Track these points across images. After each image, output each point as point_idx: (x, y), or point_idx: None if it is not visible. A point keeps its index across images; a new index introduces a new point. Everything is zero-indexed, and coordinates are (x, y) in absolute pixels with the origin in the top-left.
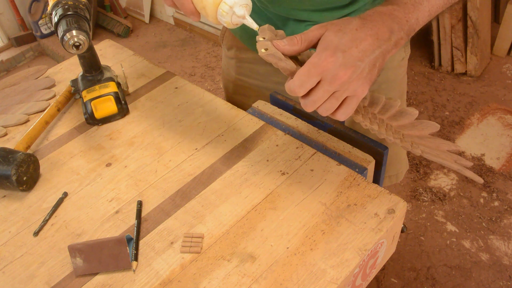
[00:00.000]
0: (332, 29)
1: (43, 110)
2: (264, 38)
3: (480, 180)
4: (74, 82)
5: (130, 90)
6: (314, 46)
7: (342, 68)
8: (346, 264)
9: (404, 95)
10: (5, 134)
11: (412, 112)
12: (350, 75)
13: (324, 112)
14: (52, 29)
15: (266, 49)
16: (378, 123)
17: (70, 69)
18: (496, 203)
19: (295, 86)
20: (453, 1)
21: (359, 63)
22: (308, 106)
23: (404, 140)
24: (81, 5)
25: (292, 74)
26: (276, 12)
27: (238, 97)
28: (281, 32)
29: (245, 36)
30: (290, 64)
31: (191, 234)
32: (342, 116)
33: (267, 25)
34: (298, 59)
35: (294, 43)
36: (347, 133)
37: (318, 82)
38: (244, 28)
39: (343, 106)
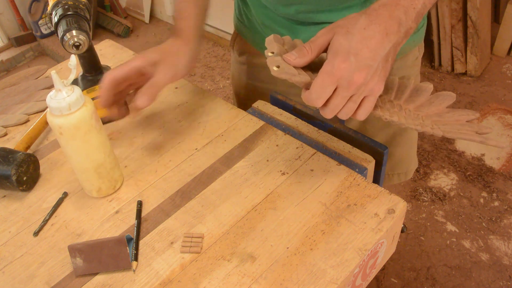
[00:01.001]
0: (340, 32)
1: (43, 110)
2: (273, 52)
3: (503, 145)
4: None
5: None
6: (325, 51)
7: (356, 72)
8: (346, 264)
9: None
10: (5, 134)
11: (427, 87)
12: (365, 77)
13: (344, 116)
14: (52, 29)
15: (278, 66)
16: (397, 112)
17: (70, 69)
18: (496, 203)
19: (313, 99)
20: None
21: (372, 63)
22: (327, 113)
23: (424, 124)
24: (81, 5)
25: (307, 85)
26: (292, 17)
27: (250, 102)
28: (287, 39)
29: (257, 40)
30: (305, 77)
31: (191, 234)
32: (362, 116)
33: (272, 35)
34: (310, 64)
35: (304, 54)
36: (347, 133)
37: (335, 89)
38: (256, 32)
39: (362, 107)
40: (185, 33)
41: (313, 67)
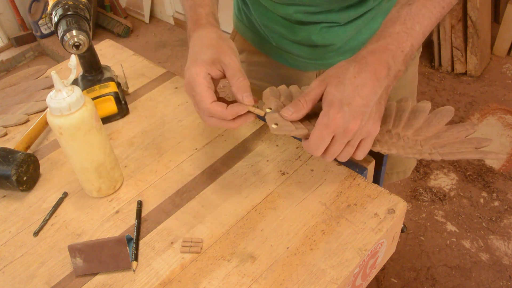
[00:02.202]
0: (332, 83)
1: (43, 110)
2: (270, 108)
3: (503, 156)
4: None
5: (130, 90)
6: (319, 101)
7: (351, 120)
8: (346, 264)
9: (414, 93)
10: (5, 134)
11: (425, 106)
12: (360, 124)
13: (343, 159)
14: (52, 29)
15: (276, 124)
16: (395, 143)
17: (70, 69)
18: (496, 203)
19: (312, 150)
20: (443, 15)
21: (366, 109)
22: (327, 159)
23: (422, 151)
24: (81, 5)
25: (306, 136)
26: (291, 17)
27: None
28: (283, 88)
29: (256, 39)
30: (303, 130)
31: (190, 239)
32: (360, 156)
33: (268, 88)
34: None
35: (300, 108)
36: None
37: (332, 138)
38: (255, 31)
39: (360, 149)
40: (211, 20)
41: (310, 113)
